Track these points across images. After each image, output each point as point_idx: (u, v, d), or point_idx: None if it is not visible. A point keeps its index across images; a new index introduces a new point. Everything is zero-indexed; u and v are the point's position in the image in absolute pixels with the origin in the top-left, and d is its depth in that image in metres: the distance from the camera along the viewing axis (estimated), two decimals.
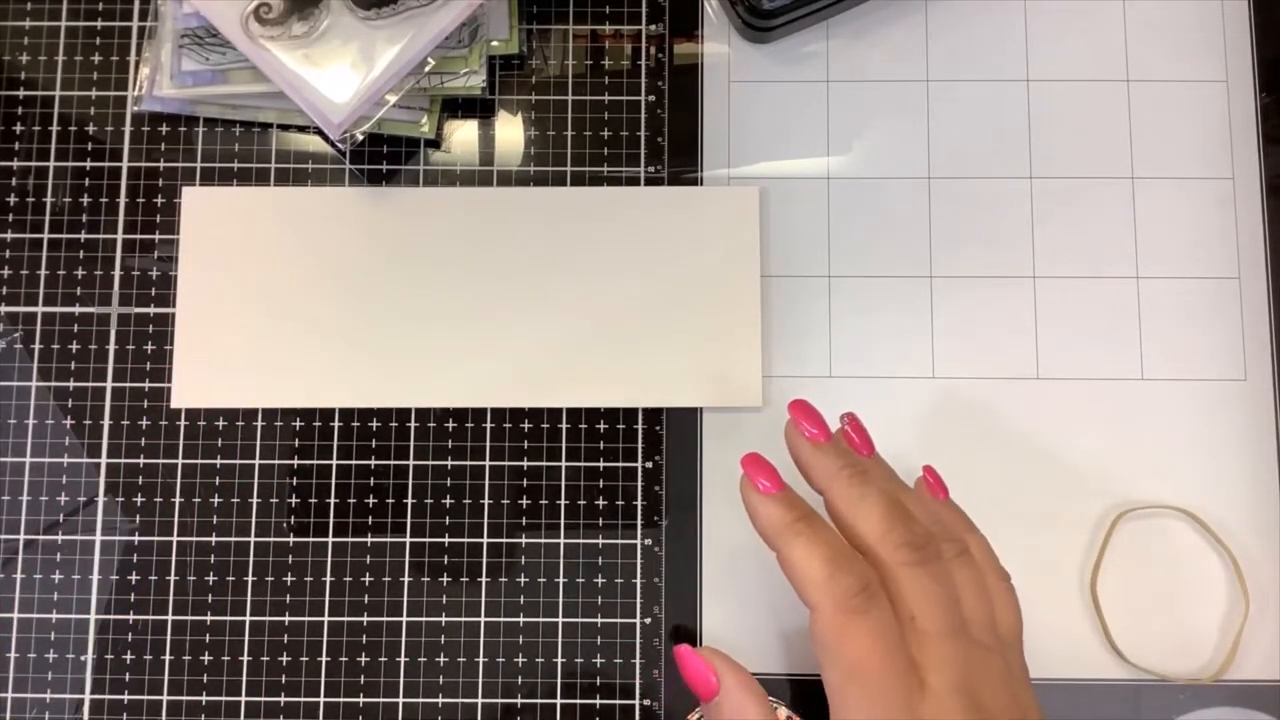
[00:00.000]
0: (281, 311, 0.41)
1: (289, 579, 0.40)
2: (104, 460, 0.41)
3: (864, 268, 0.42)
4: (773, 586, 0.40)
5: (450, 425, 0.41)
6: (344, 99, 0.38)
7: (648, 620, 0.40)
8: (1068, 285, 0.42)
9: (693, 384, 0.41)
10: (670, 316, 0.41)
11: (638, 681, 0.40)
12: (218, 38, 0.40)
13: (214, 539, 0.41)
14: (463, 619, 0.40)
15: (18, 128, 0.43)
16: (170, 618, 0.40)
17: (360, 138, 0.40)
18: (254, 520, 0.41)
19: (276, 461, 0.41)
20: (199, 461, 0.41)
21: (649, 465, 0.41)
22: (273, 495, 0.41)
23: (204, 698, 0.40)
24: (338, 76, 0.38)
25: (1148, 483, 0.41)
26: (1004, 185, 0.42)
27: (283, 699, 0.40)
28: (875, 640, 0.30)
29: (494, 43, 0.42)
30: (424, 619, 0.40)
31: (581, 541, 0.40)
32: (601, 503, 0.41)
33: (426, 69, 0.40)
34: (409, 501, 0.41)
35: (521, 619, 0.40)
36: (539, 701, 0.40)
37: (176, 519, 0.41)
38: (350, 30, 0.39)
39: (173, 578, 0.40)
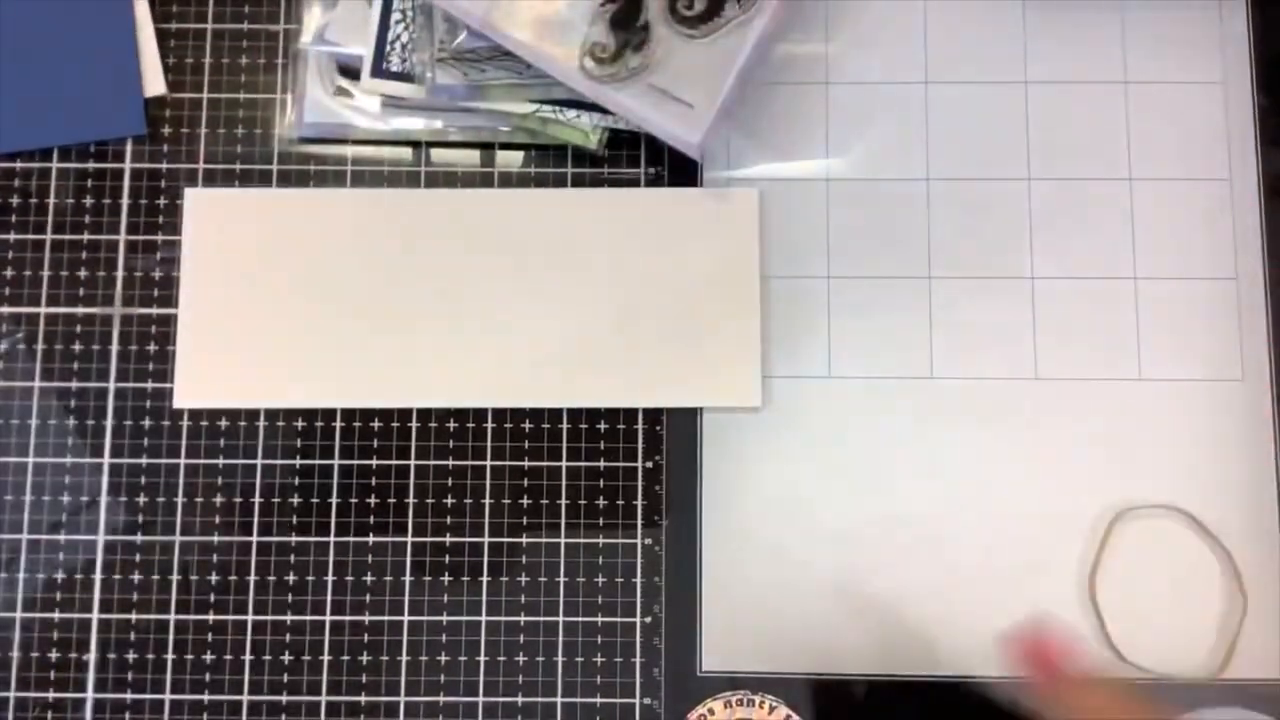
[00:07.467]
0: (283, 312, 0.41)
1: (291, 578, 0.40)
2: (106, 460, 0.41)
3: (863, 268, 0.42)
4: (772, 586, 0.40)
5: (450, 425, 0.41)
6: (696, 120, 0.39)
7: (648, 620, 0.40)
8: (1066, 286, 0.42)
9: (692, 384, 0.41)
10: (670, 317, 0.41)
11: (638, 681, 0.40)
12: (475, 53, 0.41)
13: (216, 539, 0.41)
14: (464, 618, 0.40)
15: None
16: (172, 617, 0.40)
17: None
18: (256, 520, 0.41)
19: (278, 461, 0.41)
20: (201, 461, 0.41)
21: (649, 465, 0.41)
22: (274, 495, 0.41)
23: (206, 696, 0.40)
24: (686, 99, 0.39)
25: (1145, 482, 0.41)
26: (1002, 186, 0.43)
27: (284, 698, 0.40)
28: None
29: None
30: (425, 618, 0.40)
31: (582, 541, 0.41)
32: (601, 503, 0.41)
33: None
34: (410, 501, 0.41)
35: (522, 618, 0.40)
36: (539, 701, 0.40)
37: (179, 519, 0.41)
38: (682, 52, 0.39)
39: (174, 577, 0.41)
